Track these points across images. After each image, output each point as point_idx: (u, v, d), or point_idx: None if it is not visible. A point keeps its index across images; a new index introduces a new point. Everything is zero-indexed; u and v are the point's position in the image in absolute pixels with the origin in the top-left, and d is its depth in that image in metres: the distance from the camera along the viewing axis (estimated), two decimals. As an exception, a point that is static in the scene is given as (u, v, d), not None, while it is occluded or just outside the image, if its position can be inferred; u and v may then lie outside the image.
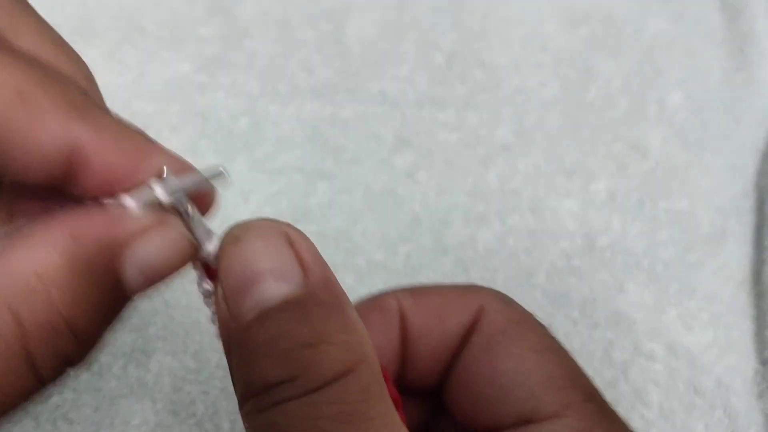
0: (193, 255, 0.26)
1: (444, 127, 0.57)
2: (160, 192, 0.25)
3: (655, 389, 0.48)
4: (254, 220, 0.26)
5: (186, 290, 0.48)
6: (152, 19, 0.58)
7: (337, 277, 0.26)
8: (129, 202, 0.25)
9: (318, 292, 0.24)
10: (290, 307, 0.23)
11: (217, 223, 0.50)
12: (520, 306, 0.33)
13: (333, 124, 0.56)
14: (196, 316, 0.47)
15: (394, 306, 0.32)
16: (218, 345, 0.48)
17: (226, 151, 0.54)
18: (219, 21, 0.58)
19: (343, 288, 0.26)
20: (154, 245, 0.24)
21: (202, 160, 0.41)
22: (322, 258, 0.25)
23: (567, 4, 0.63)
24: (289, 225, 0.25)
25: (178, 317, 0.47)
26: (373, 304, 0.33)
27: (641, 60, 0.61)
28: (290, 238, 0.25)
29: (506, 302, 0.33)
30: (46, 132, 0.24)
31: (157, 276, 0.25)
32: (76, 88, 0.25)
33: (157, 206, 0.25)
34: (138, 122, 0.28)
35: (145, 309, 0.47)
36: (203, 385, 0.46)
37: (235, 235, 0.25)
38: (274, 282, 0.23)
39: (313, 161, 0.54)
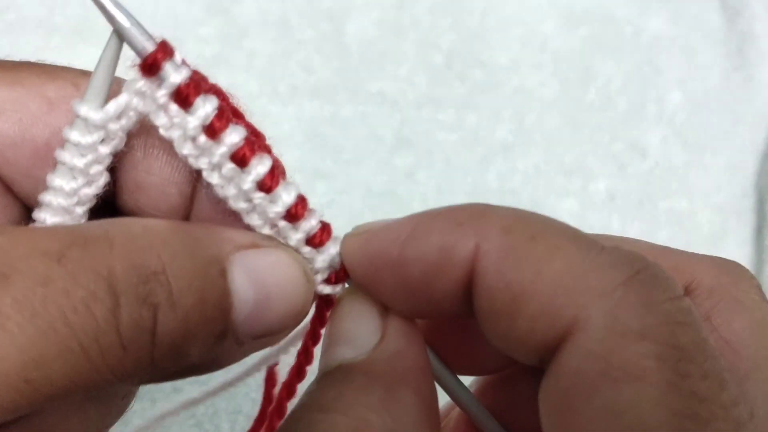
0: (309, 301, 0.23)
1: (443, 127, 0.57)
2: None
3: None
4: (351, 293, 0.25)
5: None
6: (151, 19, 0.58)
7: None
8: (80, 108, 0.22)
9: (378, 365, 0.23)
10: (340, 372, 0.23)
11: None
12: (663, 323, 0.20)
13: (332, 124, 0.56)
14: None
15: (461, 259, 0.22)
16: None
17: (226, 151, 0.54)
18: (218, 21, 0.58)
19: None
20: (268, 259, 0.23)
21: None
22: (411, 340, 0.24)
23: (566, 3, 0.63)
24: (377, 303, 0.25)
25: (177, 317, 0.47)
26: (437, 234, 0.23)
27: (641, 60, 0.61)
28: (383, 313, 0.24)
29: (624, 322, 0.19)
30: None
31: (267, 294, 0.22)
32: None
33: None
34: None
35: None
36: (203, 386, 0.46)
37: (340, 298, 0.25)
38: (342, 346, 0.23)
39: (312, 161, 0.54)
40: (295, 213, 0.24)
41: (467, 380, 0.27)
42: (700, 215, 0.55)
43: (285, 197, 0.23)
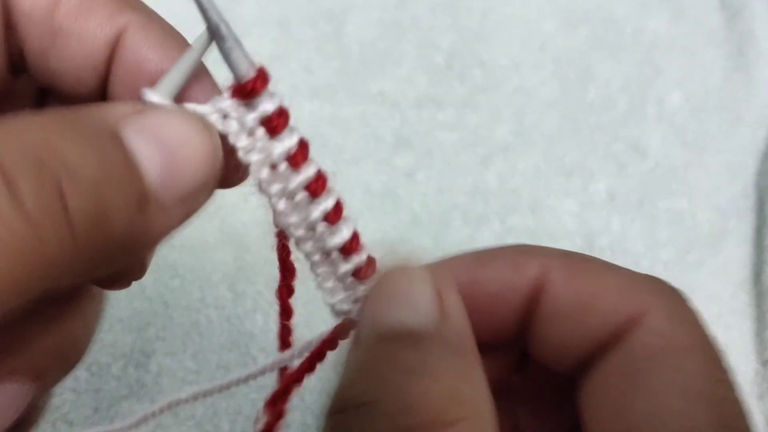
0: (219, 149, 0.23)
1: (443, 127, 0.57)
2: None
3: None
4: (413, 262, 0.25)
5: (186, 291, 0.48)
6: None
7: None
8: (150, 96, 0.23)
9: (449, 336, 0.22)
10: (413, 338, 0.22)
11: (216, 224, 0.50)
12: (697, 321, 0.25)
13: (332, 124, 0.56)
14: (196, 317, 0.47)
15: (532, 273, 0.26)
16: (219, 342, 0.48)
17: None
18: (218, 21, 0.58)
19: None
20: (162, 116, 0.22)
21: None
22: (466, 317, 0.24)
23: (566, 3, 0.63)
24: (446, 276, 0.24)
25: (177, 318, 0.47)
26: (506, 258, 0.27)
27: (641, 60, 0.61)
28: (439, 286, 0.23)
29: (677, 316, 0.25)
30: (96, 18, 0.24)
31: (167, 146, 0.21)
32: None
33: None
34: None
35: (144, 310, 0.47)
36: (202, 386, 0.46)
37: (396, 264, 0.25)
38: (404, 308, 0.22)
39: (312, 161, 0.54)
40: (349, 247, 0.25)
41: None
42: (700, 215, 0.55)
43: (345, 231, 0.25)
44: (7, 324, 0.22)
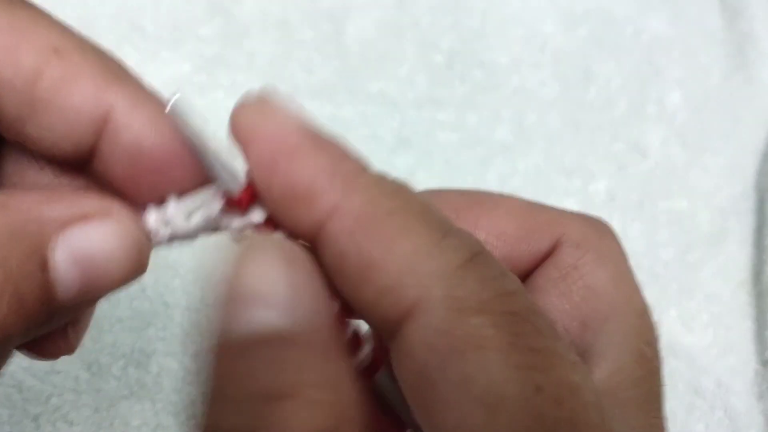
0: (145, 262, 0.24)
1: (444, 127, 0.57)
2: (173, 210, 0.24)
3: (655, 389, 0.48)
4: (256, 236, 0.24)
5: (186, 291, 0.48)
6: (152, 19, 0.58)
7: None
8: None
9: (304, 328, 0.20)
10: (265, 342, 0.20)
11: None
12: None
13: (332, 124, 0.55)
14: (196, 317, 0.47)
15: (322, 205, 0.23)
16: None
17: (226, 151, 0.54)
18: (219, 21, 0.58)
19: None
20: (95, 234, 0.22)
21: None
22: (327, 303, 0.22)
23: (566, 3, 0.63)
24: (293, 244, 0.22)
25: (177, 318, 0.47)
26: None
27: (641, 60, 0.61)
28: (291, 259, 0.21)
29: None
30: (80, 93, 0.22)
31: (94, 273, 0.22)
32: (114, 58, 0.24)
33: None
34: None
35: (144, 310, 0.47)
36: (203, 386, 0.46)
37: (242, 249, 0.23)
38: (258, 308, 0.21)
39: (312, 161, 0.54)
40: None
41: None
42: (700, 215, 0.55)
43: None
44: None
